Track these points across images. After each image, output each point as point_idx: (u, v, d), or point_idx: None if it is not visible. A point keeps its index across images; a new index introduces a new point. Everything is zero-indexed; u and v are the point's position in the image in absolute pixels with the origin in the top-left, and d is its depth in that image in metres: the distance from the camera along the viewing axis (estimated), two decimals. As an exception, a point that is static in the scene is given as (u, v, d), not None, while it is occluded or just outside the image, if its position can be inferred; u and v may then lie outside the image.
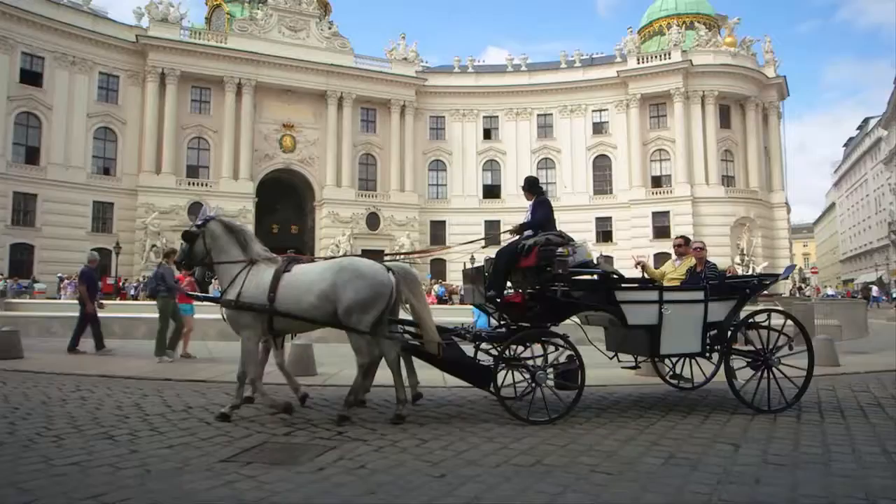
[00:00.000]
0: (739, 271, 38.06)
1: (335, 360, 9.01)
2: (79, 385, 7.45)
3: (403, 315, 6.37)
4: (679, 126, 43.72)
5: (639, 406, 6.53)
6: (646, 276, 7.23)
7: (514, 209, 46.25)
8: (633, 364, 6.64)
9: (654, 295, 6.19)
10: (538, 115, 48.11)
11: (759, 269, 38.48)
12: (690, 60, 43.68)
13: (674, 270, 7.08)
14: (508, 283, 6.43)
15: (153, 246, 36.37)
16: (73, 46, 38.12)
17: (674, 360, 6.68)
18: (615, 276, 6.39)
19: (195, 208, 39.63)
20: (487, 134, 48.65)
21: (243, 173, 41.72)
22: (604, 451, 4.60)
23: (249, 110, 42.22)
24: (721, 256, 41.13)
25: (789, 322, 6.34)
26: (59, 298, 29.50)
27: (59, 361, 9.56)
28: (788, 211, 47.86)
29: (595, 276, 6.35)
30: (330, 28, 46.80)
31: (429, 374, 7.93)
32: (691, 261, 6.97)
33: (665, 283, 6.84)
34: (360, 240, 43.09)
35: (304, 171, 44.61)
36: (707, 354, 6.39)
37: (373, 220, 44.42)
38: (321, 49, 44.69)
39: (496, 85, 48.45)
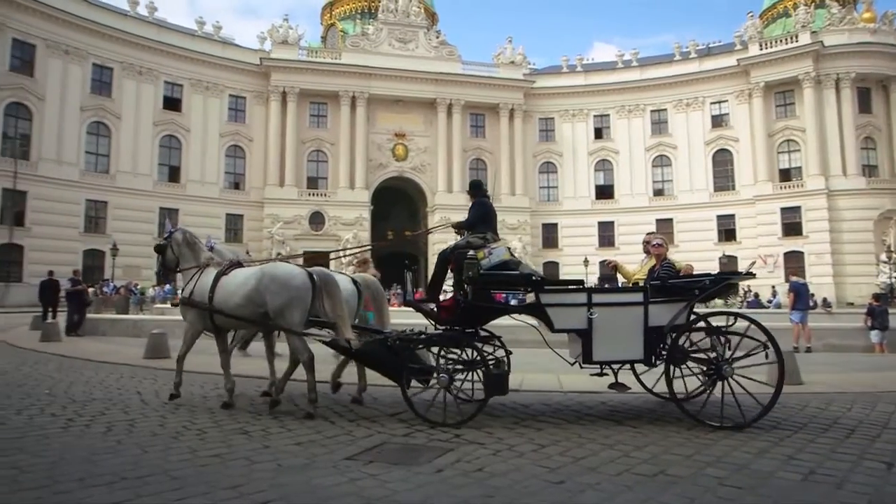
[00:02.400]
0: (886, 270, 34.59)
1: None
2: (217, 384, 8.04)
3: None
4: (810, 114, 40.38)
5: (771, 417, 6.08)
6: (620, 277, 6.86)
7: (629, 209, 44.93)
8: (599, 371, 6.09)
9: (581, 297, 5.75)
10: (651, 111, 46.34)
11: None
12: (821, 42, 40.24)
13: (640, 270, 6.65)
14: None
15: (278, 254, 38.74)
16: (206, 73, 41.71)
17: (615, 367, 6.04)
18: (536, 279, 6.00)
19: (316, 217, 41.92)
20: (598, 133, 47.51)
21: (359, 182, 43.49)
22: (733, 464, 4.33)
23: (363, 122, 43.99)
24: (863, 254, 37.58)
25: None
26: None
27: (198, 361, 10.40)
28: (946, 202, 42.65)
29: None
30: (437, 37, 47.75)
31: (545, 379, 7.86)
32: (654, 260, 6.49)
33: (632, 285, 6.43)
34: (471, 244, 43.53)
35: (416, 178, 45.75)
36: (654, 362, 5.80)
37: (484, 225, 44.64)
38: (430, 58, 45.71)
39: (606, 83, 47.24)
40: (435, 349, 6.12)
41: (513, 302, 5.84)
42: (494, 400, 5.89)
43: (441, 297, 6.50)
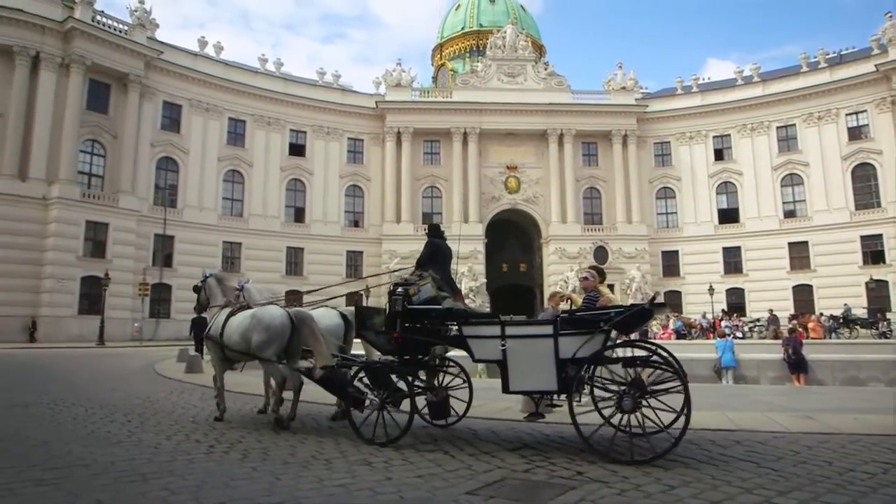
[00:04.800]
0: None
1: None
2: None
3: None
4: (969, 119, 36.11)
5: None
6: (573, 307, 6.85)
7: (757, 233, 42.28)
8: (550, 403, 6.21)
9: (495, 330, 5.98)
10: (777, 128, 43.49)
11: None
12: (978, 39, 36.11)
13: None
14: None
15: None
16: (327, 119, 44.53)
17: (535, 397, 6.16)
18: (458, 312, 6.42)
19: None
20: (719, 154, 45.22)
21: (472, 216, 44.10)
22: (897, 514, 3.86)
23: (475, 157, 44.80)
24: None
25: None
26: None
27: (325, 394, 10.86)
28: None
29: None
30: (546, 69, 47.98)
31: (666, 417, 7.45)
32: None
33: None
34: (587, 274, 42.59)
35: (529, 209, 45.70)
36: (574, 392, 5.72)
37: (600, 254, 43.60)
38: (539, 90, 45.95)
39: (725, 101, 45.07)
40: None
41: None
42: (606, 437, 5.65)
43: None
